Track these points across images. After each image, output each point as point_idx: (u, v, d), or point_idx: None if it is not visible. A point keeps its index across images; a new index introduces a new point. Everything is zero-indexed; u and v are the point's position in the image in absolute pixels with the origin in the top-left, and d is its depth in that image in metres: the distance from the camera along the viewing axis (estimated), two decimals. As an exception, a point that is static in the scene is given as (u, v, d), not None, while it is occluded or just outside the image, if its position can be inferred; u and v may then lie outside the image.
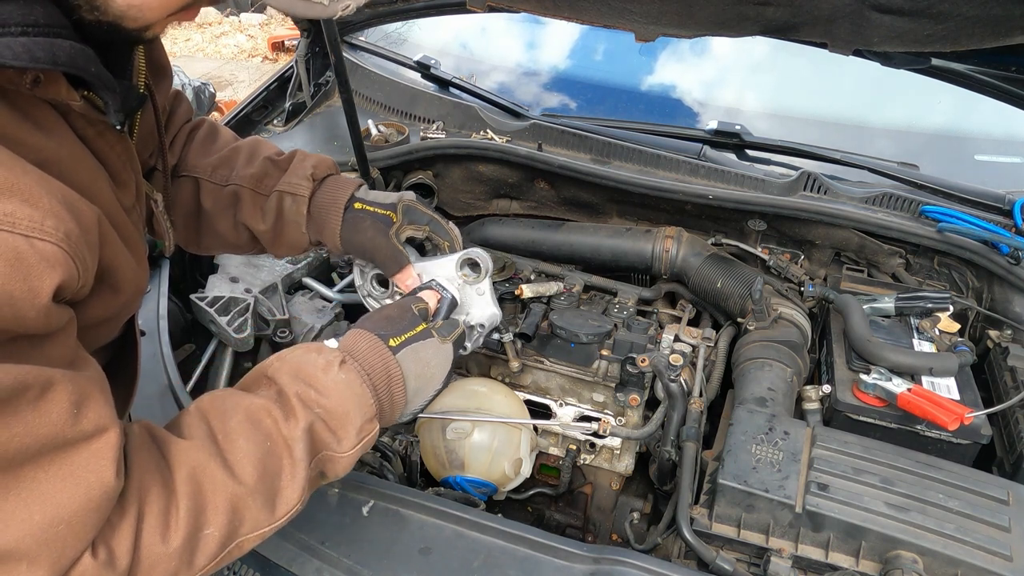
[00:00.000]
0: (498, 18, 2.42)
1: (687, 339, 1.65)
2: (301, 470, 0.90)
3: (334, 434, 0.94)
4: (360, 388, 0.97)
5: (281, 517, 0.90)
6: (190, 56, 8.18)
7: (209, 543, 0.83)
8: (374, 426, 0.98)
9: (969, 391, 1.40)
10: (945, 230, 1.67)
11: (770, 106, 2.14)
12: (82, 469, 0.73)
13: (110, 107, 0.82)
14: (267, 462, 0.88)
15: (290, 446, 0.90)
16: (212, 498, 0.84)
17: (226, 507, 0.84)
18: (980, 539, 1.12)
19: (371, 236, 1.23)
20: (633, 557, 1.10)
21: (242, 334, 1.57)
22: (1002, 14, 1.32)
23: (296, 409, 0.92)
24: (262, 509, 0.88)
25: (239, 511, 0.86)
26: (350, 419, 0.95)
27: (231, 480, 0.85)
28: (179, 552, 0.80)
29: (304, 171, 1.25)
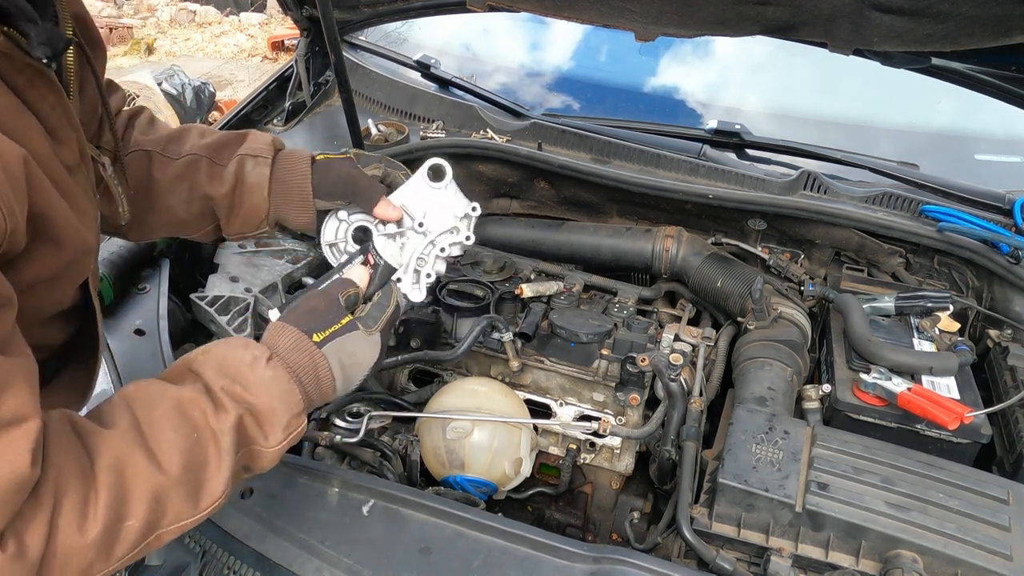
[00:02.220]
0: (498, 18, 2.42)
1: (687, 338, 1.65)
2: (227, 462, 0.89)
3: (261, 430, 0.93)
4: (287, 385, 0.96)
5: (204, 510, 0.89)
6: (190, 56, 8.18)
7: (129, 534, 0.82)
8: (301, 421, 0.98)
9: (969, 390, 1.40)
10: (945, 229, 1.67)
11: (770, 106, 2.14)
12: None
13: (32, 40, 0.80)
14: (193, 452, 0.87)
15: (218, 438, 0.89)
16: (134, 489, 0.82)
17: (148, 498, 0.82)
18: (980, 538, 1.12)
19: (346, 171, 1.25)
20: (633, 556, 1.10)
21: (242, 334, 1.56)
22: (1002, 14, 1.32)
23: (224, 403, 0.91)
24: (185, 501, 0.87)
25: (162, 502, 0.84)
26: (277, 416, 0.94)
27: (155, 470, 0.83)
28: (96, 543, 0.78)
29: (264, 139, 1.25)
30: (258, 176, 1.22)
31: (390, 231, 1.24)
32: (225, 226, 1.28)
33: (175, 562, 1.18)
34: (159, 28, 9.31)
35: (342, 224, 1.30)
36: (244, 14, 9.42)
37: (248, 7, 9.65)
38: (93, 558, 0.79)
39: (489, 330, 1.57)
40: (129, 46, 8.53)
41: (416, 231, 1.23)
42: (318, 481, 1.24)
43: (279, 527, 1.17)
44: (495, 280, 1.74)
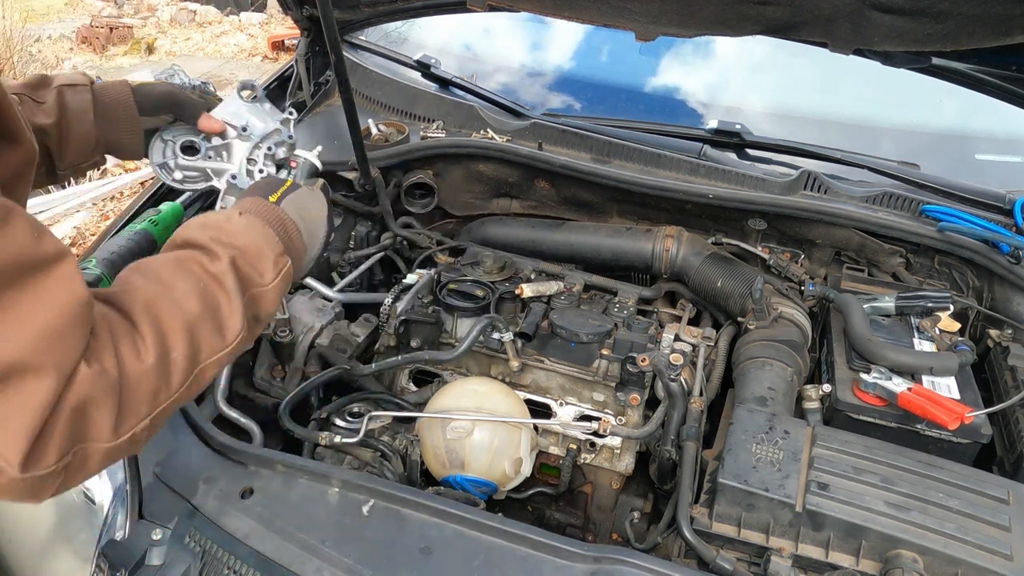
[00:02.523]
0: (498, 18, 2.42)
1: (687, 338, 1.65)
2: (236, 302, 0.98)
3: (255, 268, 1.02)
4: (263, 228, 1.07)
5: (231, 343, 0.97)
6: (190, 55, 8.18)
7: (178, 365, 0.89)
8: (286, 260, 1.08)
9: (969, 390, 1.40)
10: (945, 229, 1.67)
11: (770, 105, 2.14)
12: (55, 286, 0.76)
13: None
14: (205, 296, 0.95)
15: (221, 280, 0.97)
16: (170, 324, 0.89)
17: (183, 332, 0.90)
18: (980, 538, 1.12)
19: (165, 88, 1.35)
20: (633, 556, 1.10)
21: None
22: (1002, 13, 1.32)
23: (215, 250, 0.99)
24: (213, 335, 0.95)
25: (195, 335, 0.92)
26: (264, 253, 1.04)
27: (180, 310, 0.91)
28: (155, 370, 0.86)
29: (77, 73, 1.29)
30: (80, 103, 1.24)
31: (216, 143, 1.35)
32: (58, 161, 1.27)
33: (175, 563, 1.18)
34: (159, 28, 9.31)
35: (168, 143, 1.37)
36: (244, 14, 9.42)
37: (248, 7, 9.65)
38: (157, 384, 0.87)
39: (489, 330, 1.57)
40: (129, 46, 8.53)
41: (241, 137, 1.34)
42: (318, 481, 1.24)
43: (279, 527, 1.17)
44: (495, 280, 1.74)
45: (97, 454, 0.82)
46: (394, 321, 1.64)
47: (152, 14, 9.65)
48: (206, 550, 1.17)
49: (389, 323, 1.65)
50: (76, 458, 0.80)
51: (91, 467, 0.83)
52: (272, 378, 1.67)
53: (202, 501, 1.23)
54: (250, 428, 1.51)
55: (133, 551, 1.20)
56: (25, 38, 7.22)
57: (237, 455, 1.29)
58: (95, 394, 0.80)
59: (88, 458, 0.82)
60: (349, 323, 1.77)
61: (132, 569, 1.18)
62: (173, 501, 1.25)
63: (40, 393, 0.74)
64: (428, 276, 1.75)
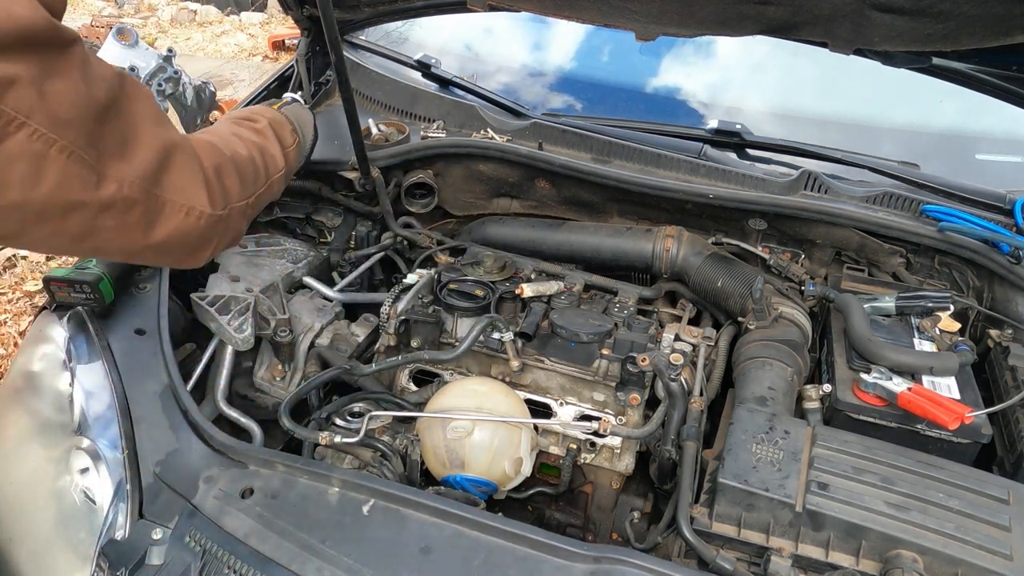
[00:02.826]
0: (499, 18, 2.42)
1: (687, 338, 1.65)
2: (277, 146, 1.45)
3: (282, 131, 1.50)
4: (277, 113, 1.56)
5: (280, 169, 1.44)
6: (191, 55, 8.18)
7: (260, 167, 1.35)
8: (296, 135, 1.57)
9: (970, 390, 1.40)
10: (946, 229, 1.66)
11: (771, 105, 2.14)
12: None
13: None
14: (256, 140, 1.40)
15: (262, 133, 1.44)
16: (244, 145, 1.33)
17: (257, 152, 1.35)
18: (980, 538, 1.12)
19: None
20: (633, 556, 1.10)
21: (243, 333, 1.57)
22: (1003, 13, 1.32)
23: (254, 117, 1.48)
24: (272, 161, 1.40)
25: (265, 154, 1.38)
26: (284, 125, 1.54)
27: (245, 144, 1.33)
28: (252, 162, 1.32)
29: None
30: None
31: None
32: None
33: (175, 562, 1.18)
34: (160, 28, 9.31)
35: None
36: (245, 14, 9.41)
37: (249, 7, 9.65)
38: (255, 172, 1.33)
39: (489, 330, 1.57)
40: (130, 46, 8.51)
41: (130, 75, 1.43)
42: (318, 481, 1.24)
43: (279, 526, 1.17)
44: (495, 280, 1.74)
45: (237, 211, 1.22)
46: (394, 321, 1.64)
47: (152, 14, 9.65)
48: (206, 550, 1.17)
49: (389, 323, 1.65)
50: (231, 213, 1.19)
51: (236, 224, 1.24)
52: (272, 378, 1.67)
53: (202, 501, 1.23)
54: (250, 428, 1.52)
55: (133, 551, 1.20)
56: (25, 38, 7.18)
57: (237, 455, 1.29)
58: (222, 163, 1.19)
59: (231, 216, 1.20)
60: (349, 323, 1.77)
61: (132, 569, 1.18)
62: (173, 501, 1.25)
63: (193, 160, 1.11)
64: (428, 276, 1.75)
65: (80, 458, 1.33)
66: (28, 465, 1.36)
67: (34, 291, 3.81)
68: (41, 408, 1.41)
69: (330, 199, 2.00)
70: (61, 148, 0.88)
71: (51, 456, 1.35)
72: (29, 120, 0.84)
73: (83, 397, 1.38)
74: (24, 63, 0.83)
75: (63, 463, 1.33)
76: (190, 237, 1.12)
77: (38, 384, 1.44)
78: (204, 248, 1.19)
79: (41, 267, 4.06)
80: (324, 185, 2.00)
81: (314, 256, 1.91)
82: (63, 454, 1.34)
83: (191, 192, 1.09)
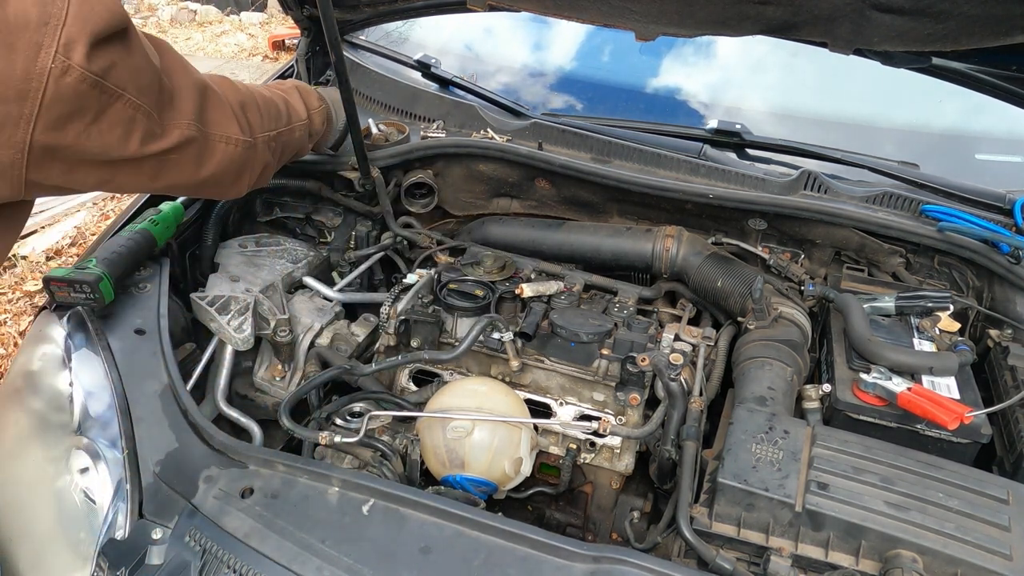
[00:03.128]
0: (499, 18, 2.42)
1: (687, 338, 1.65)
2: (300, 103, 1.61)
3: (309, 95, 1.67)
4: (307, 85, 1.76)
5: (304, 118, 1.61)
6: (191, 55, 8.18)
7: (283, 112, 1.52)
8: (323, 102, 1.73)
9: (969, 390, 1.40)
10: (945, 229, 1.66)
11: (770, 105, 2.14)
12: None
13: None
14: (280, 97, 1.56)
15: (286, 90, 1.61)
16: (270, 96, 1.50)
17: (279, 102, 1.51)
18: (980, 538, 1.12)
19: None
20: (633, 556, 1.10)
21: (242, 333, 1.57)
22: (1002, 13, 1.32)
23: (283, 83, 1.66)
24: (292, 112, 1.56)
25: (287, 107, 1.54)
26: (311, 91, 1.69)
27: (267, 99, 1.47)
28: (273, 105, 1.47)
29: None
30: None
31: None
32: None
33: (175, 562, 1.18)
34: (160, 28, 9.31)
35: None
36: (245, 13, 9.41)
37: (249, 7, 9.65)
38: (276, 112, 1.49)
39: (489, 330, 1.57)
40: (130, 45, 8.50)
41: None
42: (318, 481, 1.24)
43: (279, 526, 1.17)
44: (495, 280, 1.74)
45: (262, 142, 1.39)
46: (394, 321, 1.64)
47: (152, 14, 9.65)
48: (206, 549, 1.17)
49: (389, 323, 1.65)
50: (256, 142, 1.36)
51: (262, 154, 1.41)
52: (272, 378, 1.67)
53: (202, 500, 1.23)
54: (250, 428, 1.52)
55: (133, 550, 1.20)
56: (25, 38, 7.19)
57: (237, 455, 1.29)
58: (245, 99, 1.36)
59: (257, 144, 1.37)
60: (349, 323, 1.78)
61: (132, 568, 1.18)
62: (173, 500, 1.25)
63: (220, 96, 1.27)
64: (428, 276, 1.75)
65: (80, 458, 1.33)
66: (28, 465, 1.36)
67: (34, 291, 3.81)
68: (41, 408, 1.41)
69: (330, 199, 2.00)
70: (143, 112, 1.08)
71: (51, 456, 1.35)
72: (125, 92, 1.03)
73: (83, 397, 1.38)
74: (119, 46, 1.02)
75: (63, 463, 1.33)
76: (233, 164, 1.31)
77: (38, 384, 1.44)
78: (243, 176, 1.39)
79: (41, 267, 4.06)
80: (324, 185, 2.00)
81: (314, 256, 1.91)
82: (63, 454, 1.34)
83: (225, 124, 1.28)
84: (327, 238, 2.04)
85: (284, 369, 1.67)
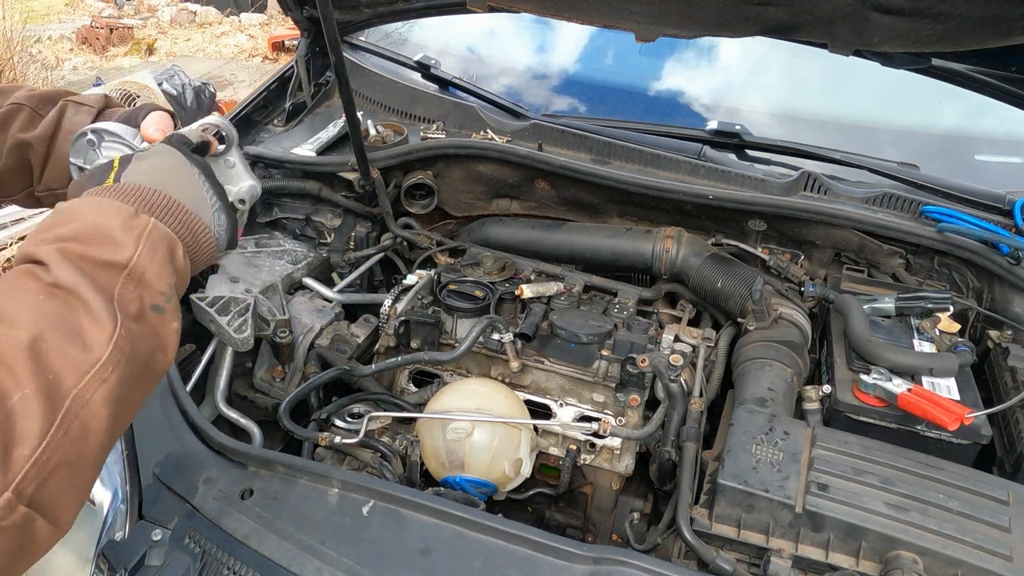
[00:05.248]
0: (499, 19, 2.42)
1: (687, 339, 1.65)
2: (89, 297, 0.77)
3: (99, 247, 0.80)
4: (98, 202, 0.85)
5: (103, 352, 0.75)
6: (190, 56, 8.18)
7: (28, 405, 0.68)
8: (144, 220, 0.85)
9: (969, 391, 1.40)
10: (945, 230, 1.67)
11: (770, 106, 2.14)
12: None
13: None
14: (47, 309, 0.74)
15: (60, 282, 0.76)
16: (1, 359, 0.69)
17: (22, 363, 0.69)
18: (980, 539, 1.12)
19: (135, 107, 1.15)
20: (633, 557, 1.10)
21: (242, 334, 1.57)
22: (1002, 14, 1.32)
23: (44, 251, 0.79)
24: (72, 349, 0.73)
25: (42, 361, 0.70)
26: (104, 225, 0.82)
27: (11, 337, 0.70)
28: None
29: (98, 94, 1.18)
30: (76, 124, 1.11)
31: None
32: (37, 180, 1.15)
33: (175, 563, 1.18)
34: (160, 28, 9.32)
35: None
36: (244, 15, 9.42)
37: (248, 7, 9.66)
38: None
39: (489, 331, 1.57)
40: (130, 47, 8.53)
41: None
42: (318, 482, 1.24)
43: (279, 527, 1.17)
44: (495, 280, 1.74)
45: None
46: (394, 322, 1.64)
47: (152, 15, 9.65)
48: (206, 551, 1.17)
49: (389, 324, 1.65)
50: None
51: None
52: (272, 379, 1.67)
53: (202, 502, 1.23)
54: (250, 429, 1.52)
55: (133, 552, 1.20)
56: (25, 39, 7.22)
57: (237, 456, 1.29)
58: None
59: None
60: (349, 324, 1.77)
61: (132, 569, 1.18)
62: (173, 502, 1.25)
63: None
64: (428, 277, 1.75)
65: (79, 459, 1.31)
66: (27, 466, 1.35)
67: (33, 292, 3.80)
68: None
69: (330, 200, 2.00)
70: None
71: (50, 457, 1.33)
72: None
73: (82, 398, 1.37)
74: None
75: (62, 464, 1.32)
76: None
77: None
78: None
79: (41, 268, 4.06)
80: (324, 186, 2.00)
81: (314, 257, 1.91)
82: (62, 455, 1.33)
83: None
84: (327, 239, 2.04)
85: (284, 370, 1.67)
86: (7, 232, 4.38)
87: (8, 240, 4.32)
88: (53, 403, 0.69)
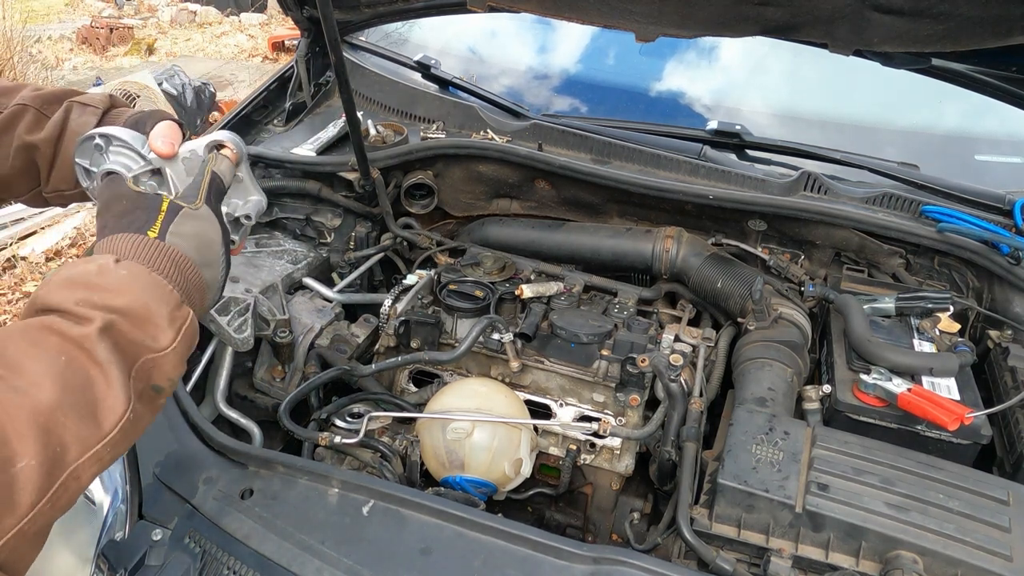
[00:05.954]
0: (500, 19, 2.42)
1: (687, 339, 1.65)
2: (114, 374, 0.78)
3: (144, 332, 0.82)
4: (150, 277, 0.86)
5: (111, 430, 0.77)
6: (190, 56, 8.19)
7: (29, 476, 0.69)
8: (186, 312, 0.88)
9: (969, 391, 1.40)
10: (945, 230, 1.67)
11: (770, 106, 2.14)
12: None
13: None
14: (67, 375, 0.75)
15: (89, 350, 0.77)
16: (11, 425, 0.69)
17: (33, 431, 0.70)
18: (980, 539, 1.12)
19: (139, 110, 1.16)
20: (633, 557, 1.10)
21: (242, 334, 1.56)
22: (1002, 14, 1.32)
23: (84, 314, 0.79)
24: (82, 424, 0.74)
25: (52, 431, 0.72)
26: (153, 311, 0.83)
27: (28, 400, 0.71)
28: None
29: (102, 94, 1.17)
30: (82, 125, 1.11)
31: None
32: (44, 181, 1.15)
33: (175, 563, 1.18)
34: (160, 28, 9.32)
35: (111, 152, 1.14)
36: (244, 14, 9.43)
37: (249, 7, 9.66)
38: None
39: (489, 331, 1.57)
40: (130, 46, 8.54)
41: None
42: (318, 482, 1.24)
43: (279, 527, 1.17)
44: (495, 280, 1.74)
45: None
46: (394, 322, 1.64)
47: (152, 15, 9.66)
48: (206, 550, 1.17)
49: (389, 324, 1.65)
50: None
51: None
52: (272, 379, 1.67)
53: (202, 501, 1.23)
54: (250, 429, 1.52)
55: (133, 551, 1.20)
56: (25, 39, 7.23)
57: (237, 455, 1.29)
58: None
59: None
60: (349, 324, 1.77)
61: (132, 569, 1.18)
62: (173, 501, 1.25)
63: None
64: (428, 277, 1.75)
65: (79, 459, 1.31)
66: (27, 466, 1.34)
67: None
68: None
69: (330, 200, 2.00)
70: None
71: (50, 457, 1.33)
72: None
73: (82, 398, 1.37)
74: None
75: (62, 464, 1.32)
76: None
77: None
78: None
79: (41, 268, 4.06)
80: (324, 186, 2.00)
81: (314, 257, 1.91)
82: (62, 455, 1.33)
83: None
84: (327, 239, 2.04)
85: (284, 370, 1.67)
86: (7, 232, 4.39)
87: (8, 240, 4.33)
88: (51, 476, 0.72)
